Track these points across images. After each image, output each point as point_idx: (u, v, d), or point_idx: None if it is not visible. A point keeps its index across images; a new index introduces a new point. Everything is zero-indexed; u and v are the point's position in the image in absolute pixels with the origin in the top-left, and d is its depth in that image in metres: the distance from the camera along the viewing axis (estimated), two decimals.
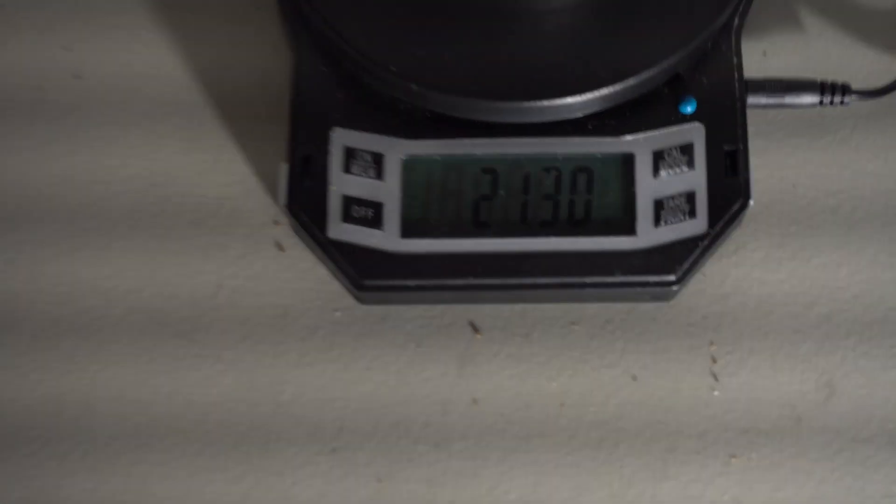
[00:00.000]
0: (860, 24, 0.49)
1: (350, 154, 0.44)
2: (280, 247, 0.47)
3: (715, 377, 0.45)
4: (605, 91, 0.43)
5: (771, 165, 0.47)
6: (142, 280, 0.46)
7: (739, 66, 0.45)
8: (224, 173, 0.47)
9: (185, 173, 0.47)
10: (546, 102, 0.43)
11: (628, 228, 0.44)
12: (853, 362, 0.45)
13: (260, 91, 0.48)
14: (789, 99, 0.47)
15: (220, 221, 0.47)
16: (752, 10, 0.46)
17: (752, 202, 0.44)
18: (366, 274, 0.44)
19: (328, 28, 0.44)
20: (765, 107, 0.47)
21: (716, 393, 0.45)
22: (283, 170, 0.44)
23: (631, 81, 0.43)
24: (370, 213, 0.44)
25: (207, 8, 0.50)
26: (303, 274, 0.47)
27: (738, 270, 0.46)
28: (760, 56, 0.49)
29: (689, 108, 0.45)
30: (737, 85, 0.45)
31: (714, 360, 0.45)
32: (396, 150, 0.44)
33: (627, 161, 0.44)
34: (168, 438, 0.45)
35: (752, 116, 0.47)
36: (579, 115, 0.44)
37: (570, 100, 0.43)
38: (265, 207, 0.47)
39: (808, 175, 0.47)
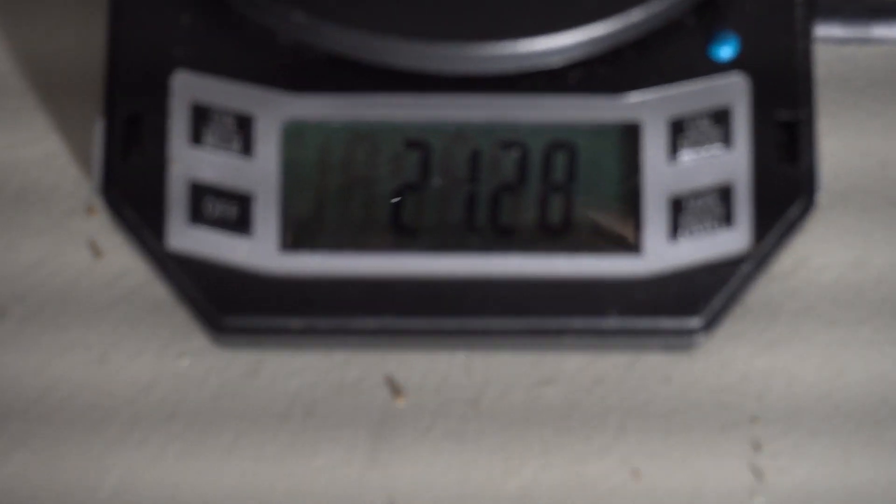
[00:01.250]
0: None
1: (201, 114, 0.34)
2: (95, 249, 0.36)
3: (758, 474, 0.34)
4: (597, 27, 0.34)
5: (847, 136, 0.38)
6: None
7: None
8: (29, 142, 0.37)
9: None
10: (506, 44, 0.34)
11: (630, 242, 0.34)
12: None
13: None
14: (880, 30, 0.37)
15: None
16: None
17: (819, 198, 0.35)
18: (227, 306, 0.35)
19: None
20: (841, 42, 0.38)
21: (759, 500, 0.34)
22: (99, 132, 0.34)
23: (636, 11, 0.34)
24: (233, 211, 0.34)
25: None
26: (129, 295, 0.36)
27: (796, 302, 0.36)
28: None
29: (725, 52, 0.35)
30: (800, 9, 0.36)
31: (757, 447, 0.34)
32: (274, 111, 0.35)
33: (630, 133, 0.35)
34: None
35: (821, 58, 0.37)
36: (557, 62, 0.34)
37: (542, 40, 0.34)
38: (76, 184, 0.37)
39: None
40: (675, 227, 0.34)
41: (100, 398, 0.37)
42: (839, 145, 0.39)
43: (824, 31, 0.38)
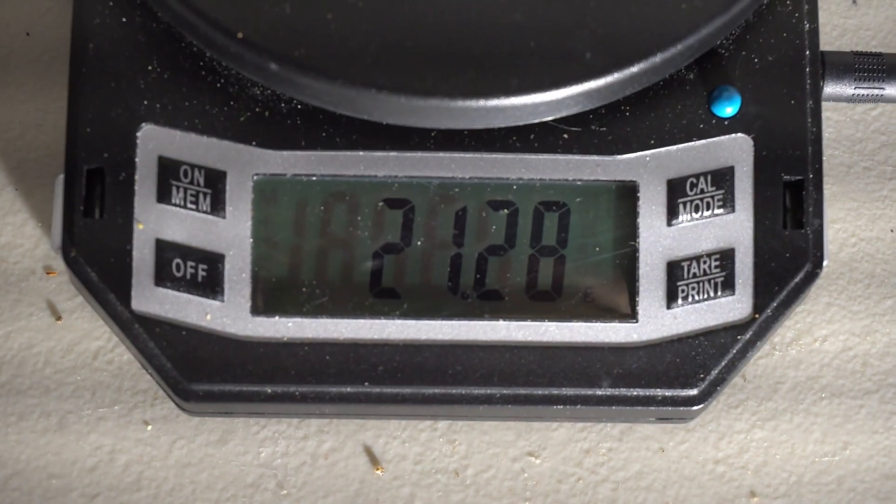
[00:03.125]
0: None
1: (169, 170, 0.33)
2: (54, 312, 0.34)
3: None
4: (590, 83, 0.32)
5: (856, 201, 0.37)
6: None
7: (813, 34, 0.35)
8: None
9: None
10: (494, 101, 0.32)
11: (625, 309, 0.34)
12: None
13: (23, 39, 0.38)
14: (893, 89, 0.36)
15: None
16: None
17: (826, 264, 0.33)
18: (194, 373, 0.33)
19: None
20: (851, 100, 0.36)
21: None
22: (60, 188, 0.33)
23: (633, 67, 0.32)
24: (202, 272, 0.33)
25: None
26: (90, 360, 0.35)
27: (799, 372, 0.35)
28: (848, 7, 0.39)
29: (728, 109, 0.34)
30: (808, 67, 0.34)
31: None
32: (245, 166, 0.33)
33: (626, 195, 0.34)
34: None
35: (828, 117, 0.37)
36: (549, 118, 0.33)
37: (533, 97, 0.32)
38: (34, 243, 0.35)
39: None
40: (673, 294, 0.33)
41: (59, 467, 0.34)
42: (847, 211, 0.38)
43: (833, 88, 0.36)
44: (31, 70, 0.39)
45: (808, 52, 0.35)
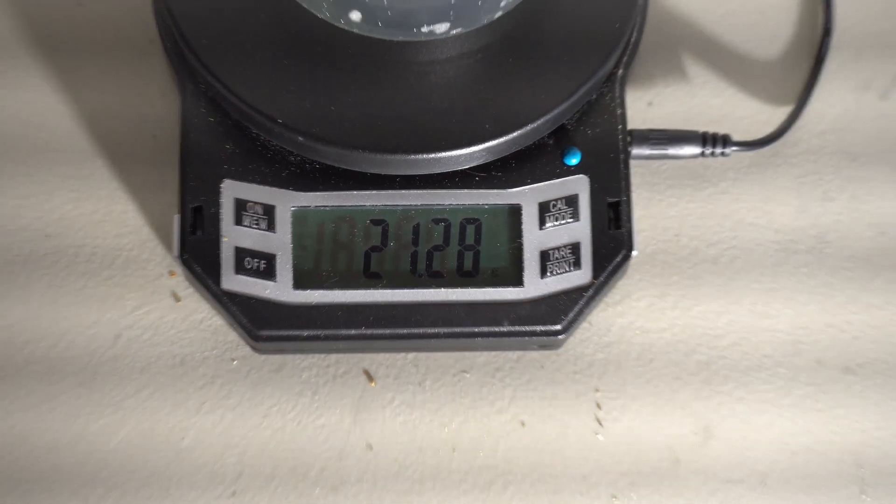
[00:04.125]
0: (743, 76, 0.50)
1: (241, 206, 0.43)
2: (176, 297, 0.46)
3: (599, 422, 0.45)
4: (489, 144, 0.43)
5: (654, 216, 0.48)
6: (39, 331, 0.46)
7: (623, 117, 0.45)
8: (118, 223, 0.47)
9: (79, 224, 0.46)
10: (432, 155, 0.43)
11: (516, 280, 0.44)
12: (729, 407, 0.45)
13: (151, 138, 0.48)
14: (672, 150, 0.47)
15: (115, 272, 0.46)
16: (636, 60, 0.46)
17: (635, 253, 0.44)
18: (260, 325, 0.44)
19: (213, 78, 0.43)
20: (648, 157, 0.47)
21: (599, 437, 0.45)
22: (176, 223, 0.43)
23: (515, 134, 0.43)
24: (262, 265, 0.44)
25: (93, 53, 0.49)
26: (199, 324, 0.46)
27: (622, 320, 0.47)
28: (645, 106, 0.49)
29: (573, 160, 0.45)
30: (620, 136, 0.45)
31: (599, 406, 0.45)
32: (286, 202, 0.44)
33: (514, 213, 0.44)
34: (69, 486, 0.45)
35: (635, 167, 0.47)
36: (466, 167, 0.44)
37: (455, 153, 0.43)
38: (160, 258, 0.47)
39: (691, 226, 0.48)
40: (544, 270, 0.44)
41: (180, 385, 0.46)
42: (648, 221, 0.48)
43: (637, 150, 0.47)
44: (147, 156, 0.48)
45: (619, 127, 0.45)
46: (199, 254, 0.44)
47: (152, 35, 0.47)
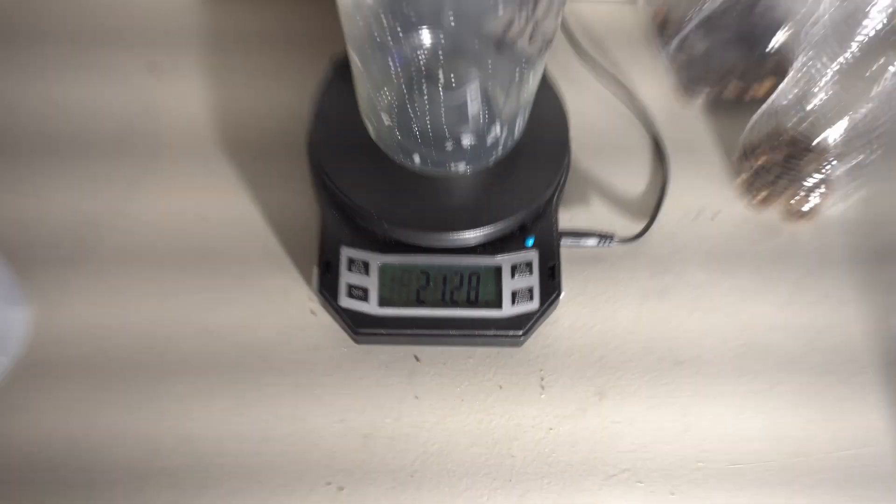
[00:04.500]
0: (622, 201, 0.74)
1: (351, 261, 0.65)
2: (314, 313, 0.68)
3: (542, 388, 0.68)
4: (485, 230, 0.64)
5: (573, 275, 0.71)
6: (227, 328, 0.68)
7: (556, 221, 0.67)
8: (284, 272, 0.70)
9: (261, 275, 0.71)
10: (454, 235, 0.64)
11: (498, 306, 0.65)
12: (615, 381, 0.68)
13: (302, 229, 0.70)
14: (582, 241, 0.70)
15: (280, 298, 0.69)
16: (566, 190, 0.71)
17: (563, 294, 0.66)
18: (359, 326, 0.65)
19: (338, 191, 0.64)
20: (570, 245, 0.70)
21: (542, 396, 0.67)
22: (315, 271, 0.66)
23: (500, 226, 0.64)
24: (362, 293, 0.65)
25: (266, 162, 0.71)
26: (326, 327, 0.67)
27: (555, 331, 0.68)
28: (569, 216, 0.73)
29: (530, 243, 0.66)
30: (555, 232, 0.67)
31: (542, 379, 0.68)
32: (376, 260, 0.65)
33: (498, 270, 0.66)
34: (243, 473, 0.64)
35: (563, 249, 0.69)
36: (472, 244, 0.65)
37: (466, 234, 0.64)
38: (306, 291, 0.69)
39: (594, 280, 0.71)
40: (513, 301, 0.64)
41: (315, 361, 0.67)
42: (570, 277, 0.70)
43: (564, 241, 0.69)
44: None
45: (555, 227, 0.66)
46: (328, 287, 0.65)
47: (304, 162, 0.71)
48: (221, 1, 0.81)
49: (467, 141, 0.64)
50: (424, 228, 0.64)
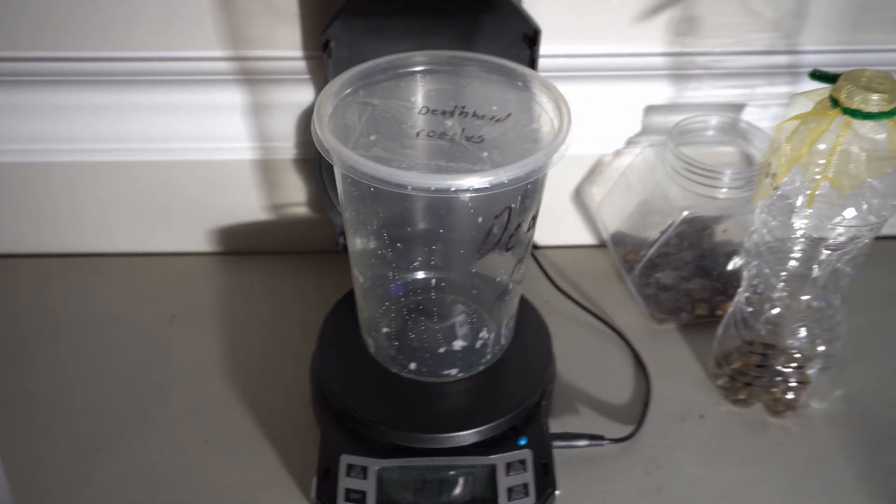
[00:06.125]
0: (609, 407, 0.78)
1: (350, 467, 0.68)
2: None
3: None
4: (478, 429, 0.68)
5: (566, 472, 0.71)
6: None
7: (547, 426, 0.71)
8: (280, 481, 0.73)
9: (257, 477, 0.74)
10: (449, 435, 0.67)
11: (494, 503, 0.67)
12: None
13: (300, 431, 0.75)
14: (573, 442, 0.73)
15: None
16: (555, 399, 0.76)
17: (558, 492, 0.68)
18: None
19: (340, 404, 0.69)
20: (562, 447, 0.73)
21: None
22: (314, 481, 0.68)
23: (493, 426, 0.68)
24: (359, 496, 0.67)
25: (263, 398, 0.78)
26: None
27: None
28: (560, 424, 0.77)
29: (523, 442, 0.69)
30: (546, 433, 0.70)
31: None
32: (374, 466, 0.68)
33: (492, 469, 0.68)
34: None
35: (555, 448, 0.71)
36: (466, 444, 0.67)
37: (460, 434, 0.68)
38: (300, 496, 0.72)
39: (589, 483, 0.72)
40: (509, 497, 0.67)
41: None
42: (563, 474, 0.72)
43: (555, 442, 0.71)
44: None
45: (545, 429, 0.69)
46: (326, 493, 0.68)
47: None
48: (234, 260, 0.93)
49: (458, 349, 0.72)
50: (421, 430, 0.69)
